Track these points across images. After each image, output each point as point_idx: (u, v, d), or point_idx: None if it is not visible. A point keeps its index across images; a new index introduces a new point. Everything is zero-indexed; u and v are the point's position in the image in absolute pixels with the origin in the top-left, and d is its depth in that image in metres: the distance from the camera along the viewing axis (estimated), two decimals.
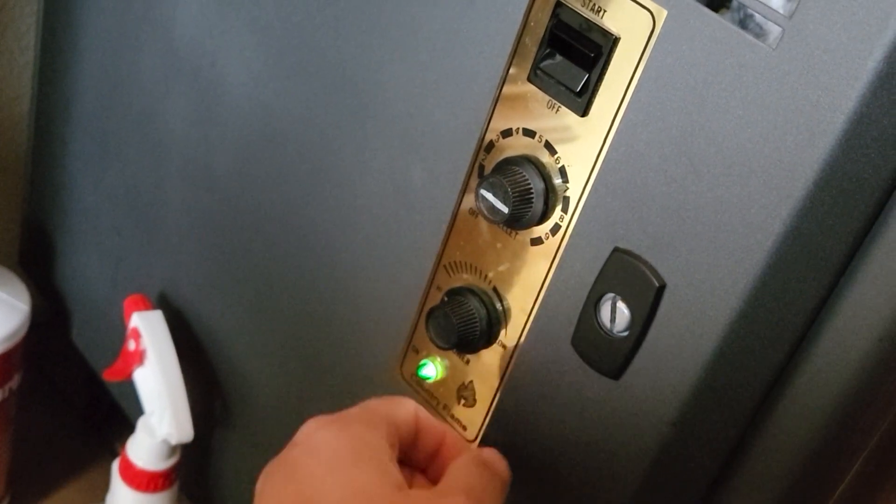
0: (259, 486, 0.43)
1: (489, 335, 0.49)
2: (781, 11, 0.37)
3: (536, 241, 0.46)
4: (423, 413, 0.46)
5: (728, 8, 0.42)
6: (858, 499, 0.45)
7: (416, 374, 0.53)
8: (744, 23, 0.41)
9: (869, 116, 0.35)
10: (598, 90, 0.42)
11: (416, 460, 0.46)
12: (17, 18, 0.84)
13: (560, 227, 0.45)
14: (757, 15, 0.39)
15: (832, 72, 0.35)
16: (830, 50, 0.35)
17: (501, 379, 0.49)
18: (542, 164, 0.45)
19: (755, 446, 0.43)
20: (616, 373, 0.44)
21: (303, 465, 0.42)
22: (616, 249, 0.43)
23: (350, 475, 0.41)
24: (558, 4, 0.43)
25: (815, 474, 0.43)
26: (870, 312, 0.39)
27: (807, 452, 0.42)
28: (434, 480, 0.46)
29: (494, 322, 0.48)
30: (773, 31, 0.39)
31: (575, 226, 0.44)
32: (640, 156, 0.41)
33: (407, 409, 0.46)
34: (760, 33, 0.40)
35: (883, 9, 0.34)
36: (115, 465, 0.76)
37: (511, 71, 0.45)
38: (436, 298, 0.51)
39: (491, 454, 0.45)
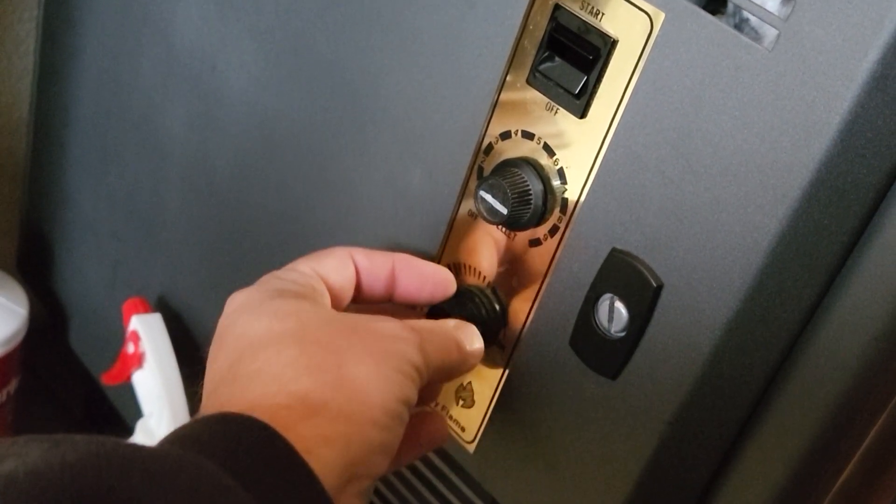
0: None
1: (488, 336, 0.49)
2: (777, 14, 0.37)
3: (535, 243, 0.46)
4: (361, 252, 0.47)
5: (724, 12, 0.42)
6: (854, 498, 0.45)
7: None
8: (740, 26, 0.41)
9: (864, 117, 0.36)
10: (596, 92, 0.43)
11: (375, 295, 0.47)
12: (16, 23, 0.84)
13: (558, 228, 0.45)
14: (752, 18, 0.40)
15: (827, 73, 0.36)
16: (826, 51, 0.36)
17: (500, 379, 0.50)
18: (541, 166, 0.45)
19: (751, 445, 0.43)
20: (614, 373, 0.44)
21: (230, 324, 0.42)
22: (614, 250, 0.43)
23: (271, 305, 0.42)
24: (557, 7, 0.43)
25: (811, 473, 0.43)
26: (865, 312, 0.39)
27: (803, 451, 0.42)
28: (408, 305, 0.49)
29: (493, 323, 0.49)
30: (769, 33, 0.39)
31: (573, 227, 0.45)
32: (638, 157, 0.42)
33: (338, 256, 0.46)
34: (756, 36, 0.40)
35: (878, 11, 0.34)
36: None
37: (510, 74, 0.46)
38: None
39: (464, 331, 0.46)
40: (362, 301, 0.48)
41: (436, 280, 0.48)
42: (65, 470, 0.30)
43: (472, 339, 0.46)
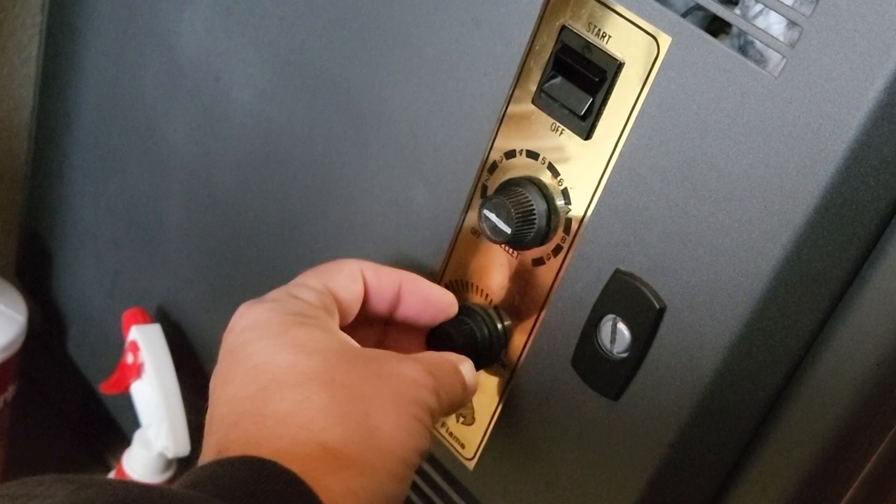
0: (210, 391, 0.43)
1: (490, 354, 0.49)
2: (783, 40, 0.38)
3: (538, 262, 0.46)
4: (371, 268, 0.47)
5: (728, 32, 0.43)
6: None
7: None
8: (744, 48, 0.41)
9: (869, 145, 0.36)
10: (601, 114, 0.43)
11: (378, 313, 0.47)
12: (18, 30, 0.84)
13: (562, 248, 0.45)
14: (757, 42, 0.40)
15: (834, 100, 0.36)
16: (833, 79, 0.36)
17: (501, 398, 0.50)
18: (545, 186, 0.45)
19: (753, 469, 0.43)
20: (615, 393, 0.44)
21: (244, 343, 0.41)
22: (617, 271, 0.43)
23: (296, 335, 0.41)
24: (563, 28, 0.43)
25: (811, 497, 0.43)
26: (868, 337, 0.39)
27: (805, 475, 0.42)
28: (407, 325, 0.48)
29: (495, 341, 0.49)
30: (774, 56, 0.40)
31: (577, 247, 0.45)
32: (643, 179, 0.42)
33: (349, 272, 0.46)
34: (761, 59, 0.40)
35: (884, 39, 0.35)
36: (111, 477, 0.76)
37: (515, 93, 0.46)
38: None
39: (457, 359, 0.46)
40: (365, 317, 0.47)
41: (439, 305, 0.48)
42: None
43: (472, 375, 0.46)
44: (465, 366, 0.45)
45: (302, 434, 0.37)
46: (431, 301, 0.48)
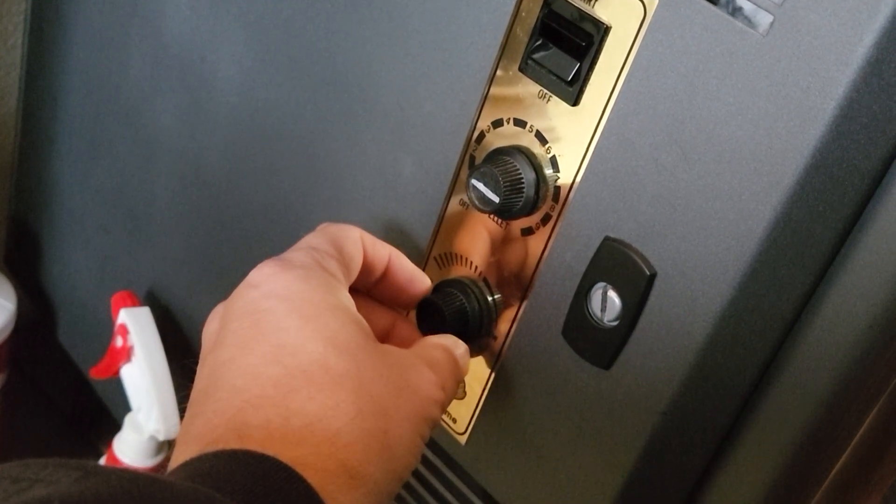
0: (214, 325, 0.41)
1: (480, 327, 0.49)
2: None
3: (527, 231, 0.46)
4: (369, 239, 0.46)
5: (717, 2, 0.42)
6: (847, 489, 0.45)
7: None
8: (733, 15, 0.41)
9: (859, 102, 0.36)
10: (589, 79, 0.42)
11: (362, 285, 0.47)
12: (3, 16, 0.83)
13: (551, 216, 0.45)
14: (746, 6, 0.39)
15: (823, 58, 0.36)
16: (821, 36, 0.35)
17: (492, 370, 0.49)
18: (533, 154, 0.45)
19: (745, 436, 0.43)
20: (607, 362, 0.44)
21: (271, 311, 0.39)
22: (607, 238, 0.43)
23: (327, 325, 0.39)
24: None
25: (805, 463, 0.43)
26: (860, 300, 0.39)
27: (797, 441, 0.42)
28: (383, 300, 0.48)
29: (485, 313, 0.48)
30: (763, 21, 0.39)
31: (566, 215, 0.44)
32: (632, 145, 0.41)
33: (353, 239, 0.45)
34: (750, 24, 0.40)
35: None
36: (102, 463, 0.75)
37: (502, 61, 0.46)
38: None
39: (455, 345, 0.46)
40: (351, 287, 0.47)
41: (419, 287, 0.48)
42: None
43: (467, 362, 0.46)
44: (461, 352, 0.45)
45: (325, 446, 0.37)
46: (413, 281, 0.48)
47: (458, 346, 0.46)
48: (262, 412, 0.37)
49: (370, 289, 0.48)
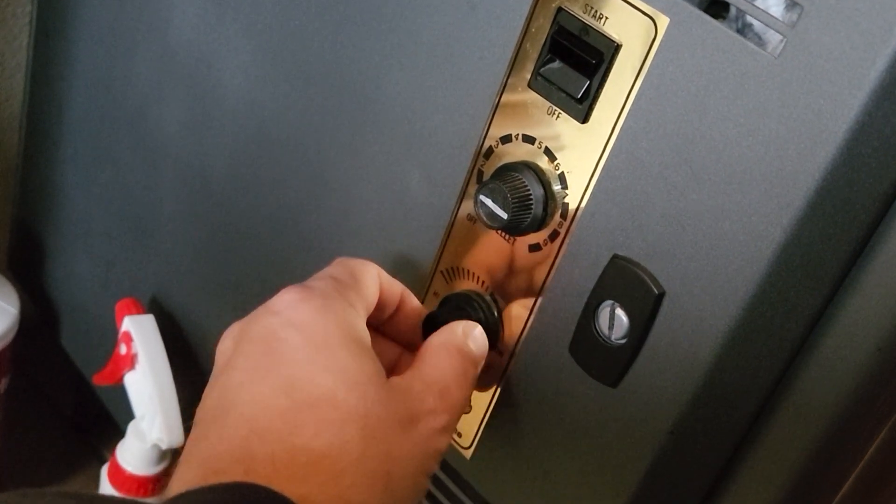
0: (228, 345, 0.41)
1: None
2: (782, 20, 0.37)
3: (535, 248, 0.46)
4: (385, 277, 0.46)
5: (726, 16, 0.42)
6: None
7: None
8: (742, 31, 0.41)
9: (871, 125, 0.35)
10: (598, 97, 0.42)
11: (376, 318, 0.47)
12: (9, 19, 0.83)
13: (559, 233, 0.45)
14: (756, 23, 0.39)
15: (834, 80, 0.35)
16: (833, 59, 0.35)
17: (498, 385, 0.49)
18: (542, 171, 0.45)
19: (752, 456, 0.43)
20: (614, 380, 0.44)
21: (285, 341, 0.40)
22: (615, 256, 0.43)
23: (338, 358, 0.40)
24: (560, 10, 0.43)
25: (811, 484, 0.42)
26: (869, 322, 0.39)
27: (804, 462, 0.42)
28: (390, 337, 0.48)
29: (491, 328, 0.48)
30: (773, 39, 0.39)
31: (574, 232, 0.44)
32: (641, 163, 0.41)
33: (372, 275, 0.46)
34: (760, 42, 0.40)
35: (886, 18, 0.34)
36: (104, 471, 0.75)
37: (511, 77, 0.45)
38: (433, 304, 0.51)
39: (462, 336, 0.45)
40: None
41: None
42: None
43: (483, 343, 0.46)
44: (469, 339, 0.45)
45: (329, 485, 0.37)
46: (420, 318, 0.49)
47: (460, 336, 0.46)
48: (267, 446, 0.37)
49: (380, 325, 0.48)
